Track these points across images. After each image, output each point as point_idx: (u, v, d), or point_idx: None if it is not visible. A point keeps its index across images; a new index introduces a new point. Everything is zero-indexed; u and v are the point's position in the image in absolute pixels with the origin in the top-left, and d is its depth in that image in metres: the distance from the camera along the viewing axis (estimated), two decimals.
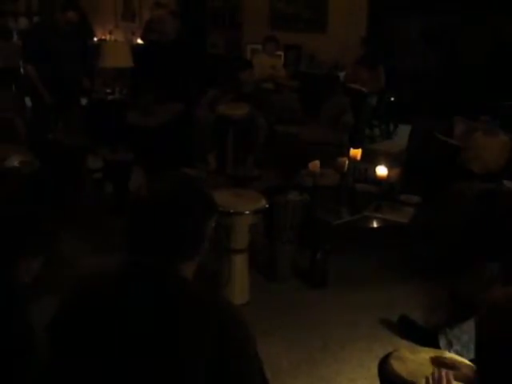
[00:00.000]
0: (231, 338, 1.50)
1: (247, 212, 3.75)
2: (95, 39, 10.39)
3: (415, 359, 2.32)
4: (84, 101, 7.18)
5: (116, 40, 10.15)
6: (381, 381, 2.36)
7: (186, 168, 5.42)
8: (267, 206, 3.88)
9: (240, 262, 3.86)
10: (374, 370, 2.45)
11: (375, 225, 4.27)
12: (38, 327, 1.90)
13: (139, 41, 9.74)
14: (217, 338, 1.48)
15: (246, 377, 1.52)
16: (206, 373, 1.45)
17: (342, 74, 8.44)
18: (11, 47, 9.50)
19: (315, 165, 4.66)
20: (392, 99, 8.46)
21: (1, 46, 9.86)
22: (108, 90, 7.63)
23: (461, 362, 2.24)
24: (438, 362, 2.23)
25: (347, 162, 4.74)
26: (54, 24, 5.93)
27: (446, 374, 1.83)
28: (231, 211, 3.72)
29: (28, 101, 8.20)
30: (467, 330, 3.29)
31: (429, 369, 2.14)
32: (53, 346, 1.66)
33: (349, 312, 4.02)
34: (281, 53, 8.76)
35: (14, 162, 4.76)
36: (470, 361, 2.27)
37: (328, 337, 3.72)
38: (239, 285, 3.87)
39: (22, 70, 9.83)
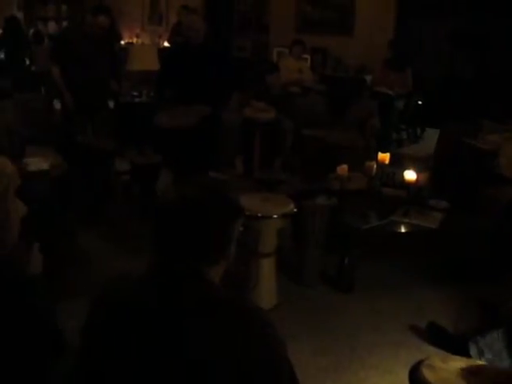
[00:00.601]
0: (260, 340, 1.50)
1: (275, 216, 3.73)
2: (122, 42, 10.48)
3: (447, 368, 2.29)
4: (112, 104, 7.24)
5: (143, 43, 10.22)
6: None
7: (212, 172, 5.44)
8: (295, 210, 3.86)
9: (268, 266, 3.84)
10: (402, 377, 2.43)
11: (403, 230, 4.23)
12: (68, 328, 1.93)
13: (166, 44, 9.80)
14: (246, 340, 1.48)
15: (276, 378, 1.52)
16: (236, 375, 1.44)
17: (368, 78, 8.41)
18: (43, 51, 9.64)
19: (343, 169, 4.65)
20: (419, 102, 8.40)
21: (34, 50, 10.03)
22: (135, 93, 7.68)
23: (494, 370, 2.21)
24: (470, 372, 2.20)
25: (375, 166, 4.73)
26: (83, 28, 5.98)
27: None
28: (259, 215, 3.71)
29: (56, 103, 8.31)
30: (500, 338, 3.25)
31: (460, 379, 2.11)
32: (84, 348, 1.68)
33: (376, 318, 3.99)
34: (307, 56, 8.76)
35: (44, 164, 4.80)
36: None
37: (355, 342, 3.69)
38: (267, 289, 3.86)
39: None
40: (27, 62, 10.46)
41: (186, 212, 1.58)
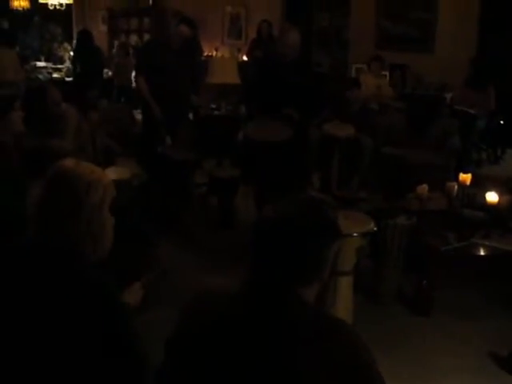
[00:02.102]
0: (357, 363, 1.50)
1: (355, 234, 3.72)
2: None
3: None
4: (191, 116, 7.37)
5: (223, 56, 10.36)
6: None
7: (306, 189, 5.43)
8: (375, 228, 3.84)
9: (345, 285, 3.83)
10: None
11: (483, 253, 4.15)
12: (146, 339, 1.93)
13: (244, 58, 9.91)
14: (342, 363, 1.47)
15: None
16: None
17: (448, 96, 8.26)
18: (128, 63, 9.95)
19: (423, 188, 4.59)
20: (502, 122, 8.20)
21: (120, 62, 10.35)
22: (213, 106, 7.80)
23: None
24: None
25: (456, 187, 4.65)
26: (166, 40, 6.11)
27: None
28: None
29: (136, 113, 8.52)
30: None
31: None
32: (170, 360, 1.71)
33: (453, 342, 3.91)
34: (386, 73, 8.69)
35: (125, 173, 4.93)
36: None
37: (431, 365, 3.63)
38: (343, 307, 3.84)
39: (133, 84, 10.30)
40: (104, 74, 10.79)
41: (285, 231, 1.57)
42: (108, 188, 1.96)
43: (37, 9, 12.98)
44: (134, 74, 10.36)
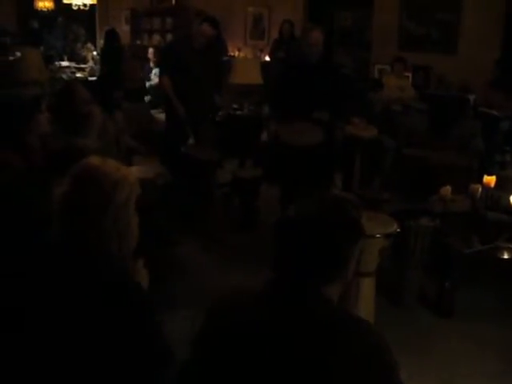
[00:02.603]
0: (380, 364, 1.50)
1: (378, 235, 3.71)
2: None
3: None
4: (214, 116, 7.37)
5: (246, 57, 10.37)
6: None
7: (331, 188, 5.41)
8: (399, 230, 3.82)
9: (367, 286, 3.82)
10: None
11: (507, 256, 4.11)
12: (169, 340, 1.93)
13: (267, 58, 9.91)
14: (365, 364, 1.47)
15: None
16: None
17: (472, 97, 8.19)
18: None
19: (446, 190, 4.57)
20: None
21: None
22: (235, 106, 7.80)
23: None
24: None
25: (480, 189, 4.61)
26: (189, 40, 6.12)
27: None
28: None
29: (154, 113, 8.57)
30: None
31: None
32: (196, 359, 1.71)
33: (476, 345, 3.89)
34: (409, 74, 8.64)
35: (149, 173, 4.95)
36: None
37: (453, 369, 3.61)
38: (365, 308, 3.83)
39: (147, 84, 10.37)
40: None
41: (309, 229, 1.58)
42: (134, 186, 1.95)
43: (61, 9, 13.11)
44: (153, 72, 10.51)
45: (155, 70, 11.11)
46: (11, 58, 9.47)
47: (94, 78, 10.57)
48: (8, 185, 2.87)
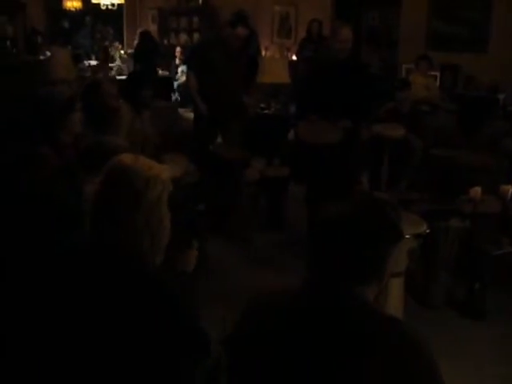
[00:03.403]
0: (421, 366, 1.49)
1: (408, 236, 3.68)
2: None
3: None
4: (242, 115, 7.38)
5: (273, 56, 10.37)
6: None
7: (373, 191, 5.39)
8: (428, 231, 3.79)
9: (396, 286, 3.80)
10: None
11: None
12: None
13: (294, 57, 9.90)
14: (406, 366, 1.46)
15: None
16: None
17: (502, 97, 8.10)
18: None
19: (476, 191, 4.52)
20: None
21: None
22: (262, 105, 7.81)
23: None
24: None
25: (510, 190, 4.56)
26: (221, 42, 6.11)
27: None
28: None
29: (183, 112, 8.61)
30: None
31: None
32: (230, 359, 1.72)
33: (506, 348, 3.85)
34: (436, 73, 8.56)
35: (177, 171, 4.96)
36: None
37: (483, 373, 3.57)
38: (394, 308, 3.81)
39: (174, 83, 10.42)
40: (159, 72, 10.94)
41: (348, 230, 1.57)
42: (166, 184, 1.94)
43: (89, 9, 13.24)
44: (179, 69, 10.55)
45: (181, 68, 11.19)
46: (42, 57, 9.58)
47: (121, 77, 10.66)
48: (44, 182, 2.89)
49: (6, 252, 2.55)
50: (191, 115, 7.03)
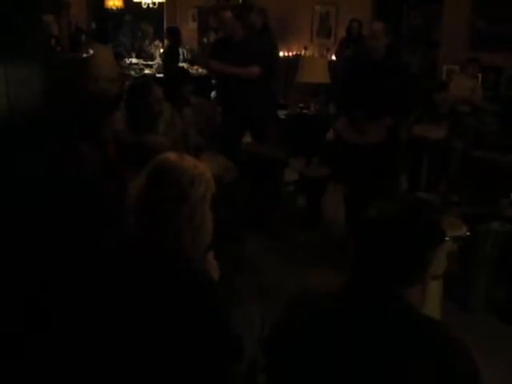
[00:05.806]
0: (463, 369, 1.49)
1: (447, 238, 3.63)
2: (290, 54, 10.70)
3: None
4: (281, 114, 7.40)
5: (313, 56, 10.34)
6: None
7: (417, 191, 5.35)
8: (468, 233, 3.76)
9: (435, 289, 3.76)
10: None
11: None
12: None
13: (333, 57, 9.86)
14: (449, 368, 1.47)
15: None
16: None
17: None
18: None
19: None
20: None
21: None
22: (302, 105, 7.79)
23: None
24: None
25: None
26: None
27: None
28: None
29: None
30: None
31: None
32: (270, 358, 1.73)
33: None
34: (479, 74, 8.45)
35: (216, 169, 4.99)
36: None
37: None
38: (432, 312, 3.77)
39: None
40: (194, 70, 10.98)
41: (393, 230, 1.58)
42: (209, 183, 1.97)
43: (130, 8, 13.41)
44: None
45: None
46: (85, 55, 9.72)
47: (161, 75, 10.74)
48: (88, 179, 2.94)
49: (55, 248, 2.59)
50: None
